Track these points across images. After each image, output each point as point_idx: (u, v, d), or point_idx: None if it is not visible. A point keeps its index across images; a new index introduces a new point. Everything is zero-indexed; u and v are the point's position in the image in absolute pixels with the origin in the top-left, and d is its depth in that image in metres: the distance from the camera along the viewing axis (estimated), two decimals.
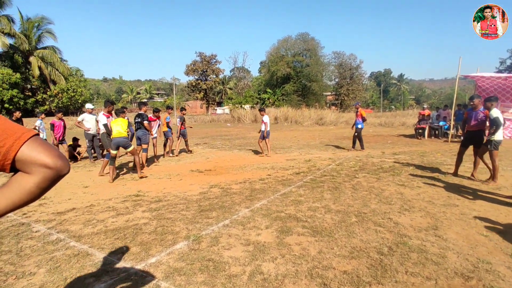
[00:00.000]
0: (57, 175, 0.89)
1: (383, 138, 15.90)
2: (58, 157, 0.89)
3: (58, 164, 0.88)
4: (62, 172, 0.90)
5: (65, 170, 0.91)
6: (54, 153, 0.89)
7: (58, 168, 0.88)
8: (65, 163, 0.90)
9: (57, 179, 0.91)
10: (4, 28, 27.72)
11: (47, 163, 0.87)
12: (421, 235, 3.54)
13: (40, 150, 0.87)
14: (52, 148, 0.91)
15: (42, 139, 0.92)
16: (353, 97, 55.52)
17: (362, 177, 6.62)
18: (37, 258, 3.08)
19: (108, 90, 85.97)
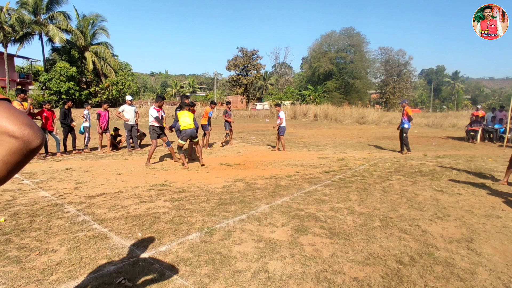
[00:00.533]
0: (25, 147, 0.73)
1: (427, 139, 14.82)
2: (26, 125, 0.73)
3: (26, 133, 0.72)
4: (31, 145, 0.73)
5: (35, 141, 0.74)
6: (22, 120, 0.73)
7: (26, 138, 0.72)
8: (35, 132, 0.74)
9: (27, 152, 0.74)
10: (61, 24, 30.29)
11: (11, 131, 0.71)
12: (451, 247, 3.20)
13: (4, 116, 0.71)
14: (20, 115, 0.74)
15: (10, 105, 0.76)
16: (400, 95, 52.51)
17: (395, 179, 6.20)
18: (62, 237, 3.29)
19: (154, 84, 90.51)
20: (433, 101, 73.80)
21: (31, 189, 5.14)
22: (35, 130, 0.73)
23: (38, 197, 4.70)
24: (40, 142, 0.74)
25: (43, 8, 30.11)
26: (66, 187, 5.34)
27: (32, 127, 0.73)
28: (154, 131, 7.47)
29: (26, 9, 29.27)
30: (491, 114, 14.60)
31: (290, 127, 21.52)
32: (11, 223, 3.65)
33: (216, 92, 57.17)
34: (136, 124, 9.68)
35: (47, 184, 5.53)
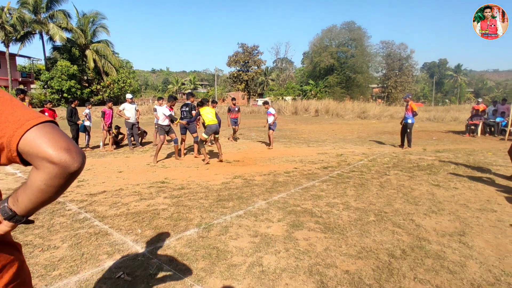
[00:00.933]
0: (64, 172, 0.74)
1: (428, 134, 14.82)
2: (65, 150, 0.74)
3: (63, 159, 0.73)
4: (70, 169, 0.74)
5: (74, 166, 0.74)
6: (61, 145, 0.74)
7: (63, 163, 0.73)
8: (73, 157, 0.74)
9: (68, 176, 0.75)
10: (61, 22, 30.38)
11: (49, 156, 0.72)
12: (444, 240, 3.27)
13: (44, 141, 0.73)
14: (60, 138, 0.75)
15: (53, 127, 0.77)
16: (402, 89, 52.26)
17: (393, 174, 6.26)
18: (64, 233, 3.39)
19: (155, 81, 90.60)
20: (435, 95, 73.38)
21: None
22: (73, 155, 0.74)
23: None
24: (77, 166, 0.75)
25: (43, 7, 30.17)
26: None
27: (70, 152, 0.74)
28: (162, 129, 7.70)
29: (27, 8, 29.36)
30: (492, 107, 14.56)
31: (291, 123, 21.56)
32: None
33: (217, 89, 57.15)
34: (137, 122, 9.77)
35: None
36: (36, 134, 0.73)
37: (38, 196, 0.77)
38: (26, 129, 0.73)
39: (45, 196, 0.77)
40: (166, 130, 7.77)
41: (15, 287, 0.89)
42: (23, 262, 0.96)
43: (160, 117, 7.76)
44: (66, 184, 0.77)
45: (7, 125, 0.73)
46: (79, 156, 0.76)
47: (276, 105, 35.18)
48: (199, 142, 7.46)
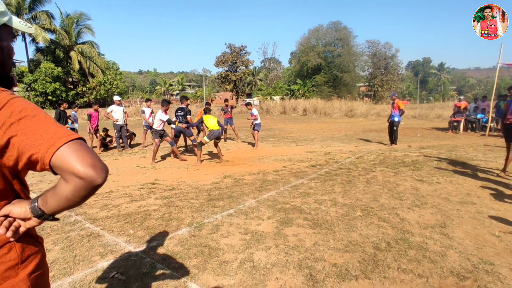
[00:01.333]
0: (89, 185, 0.84)
1: (413, 131, 15.21)
2: (91, 166, 0.83)
3: (89, 174, 0.82)
4: (94, 183, 0.84)
5: (98, 180, 0.84)
6: (88, 162, 0.83)
7: (89, 178, 0.83)
8: (98, 173, 0.84)
9: (92, 189, 0.86)
10: (44, 23, 29.70)
11: (77, 172, 0.82)
12: (426, 232, 3.43)
13: (73, 158, 0.82)
14: (87, 155, 0.85)
15: (80, 144, 0.86)
16: (388, 88, 53.21)
17: (379, 171, 6.44)
18: (55, 237, 3.40)
19: (143, 82, 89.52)
20: (420, 93, 75.07)
21: None
22: (98, 171, 0.84)
23: None
24: (101, 181, 0.85)
25: (26, 8, 29.46)
26: None
27: (95, 168, 0.83)
28: (156, 133, 7.81)
29: (9, 10, 28.37)
30: (474, 104, 15.05)
31: (279, 122, 21.72)
32: None
33: (205, 89, 56.89)
34: (126, 124, 9.72)
35: (38, 186, 5.59)
36: (66, 151, 0.83)
37: (65, 202, 0.89)
38: (58, 147, 0.83)
39: (70, 203, 0.89)
40: (160, 134, 7.86)
41: (37, 277, 1.00)
42: (44, 256, 1.08)
43: (156, 122, 7.80)
44: (89, 195, 0.88)
45: (42, 142, 0.83)
46: (103, 172, 0.86)
47: (265, 104, 35.34)
48: (198, 144, 7.62)
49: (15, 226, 0.95)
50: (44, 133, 0.84)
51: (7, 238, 0.94)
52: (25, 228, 0.97)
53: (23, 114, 0.86)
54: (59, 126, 0.89)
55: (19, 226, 0.96)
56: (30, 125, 0.85)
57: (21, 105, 0.88)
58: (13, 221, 0.95)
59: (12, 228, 0.94)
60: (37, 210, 0.92)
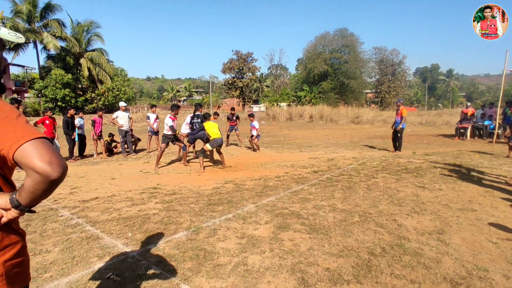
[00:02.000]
0: (46, 180, 0.91)
1: (419, 137, 15.08)
2: (48, 162, 0.90)
3: (45, 170, 0.89)
4: (50, 178, 0.91)
5: (54, 175, 0.91)
6: (45, 159, 0.90)
7: (45, 174, 0.90)
8: (54, 169, 0.91)
9: (50, 183, 0.92)
10: (56, 31, 30.46)
11: (34, 167, 0.89)
12: (423, 238, 3.41)
13: (32, 154, 0.90)
14: (45, 152, 0.92)
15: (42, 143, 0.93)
16: (395, 94, 52.95)
17: (381, 177, 6.42)
18: (56, 238, 3.48)
19: (150, 89, 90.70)
20: (428, 99, 74.36)
21: None
22: (54, 167, 0.91)
23: None
24: (57, 176, 0.92)
25: (37, 16, 30.27)
26: (61, 192, 5.52)
27: (51, 164, 0.91)
28: (166, 138, 7.75)
29: (21, 18, 29.44)
30: (481, 111, 14.89)
31: (285, 129, 21.76)
32: None
33: (212, 96, 57.28)
34: (131, 130, 9.87)
35: None
36: (28, 148, 0.91)
37: (30, 195, 0.97)
38: (21, 144, 0.91)
39: (34, 196, 0.97)
40: (171, 139, 7.79)
41: (14, 265, 1.08)
42: (25, 248, 1.16)
43: (165, 127, 7.79)
44: (49, 188, 0.96)
45: (8, 139, 0.92)
46: (59, 168, 0.93)
47: (271, 111, 35.45)
48: (200, 151, 7.54)
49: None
50: (11, 132, 0.94)
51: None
52: (6, 219, 1.04)
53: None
54: (26, 126, 0.97)
55: (1, 216, 1.04)
56: (1, 125, 0.95)
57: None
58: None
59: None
60: (14, 201, 1.00)
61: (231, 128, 12.25)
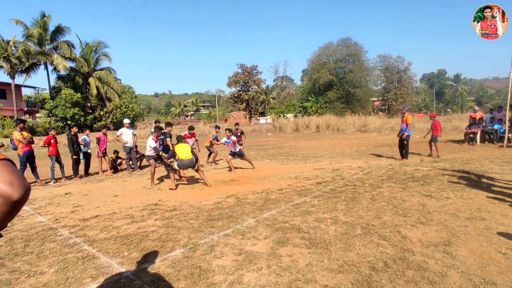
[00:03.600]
0: (7, 201, 0.88)
1: (427, 144, 14.76)
2: (8, 183, 0.88)
3: (5, 191, 0.87)
4: (11, 199, 0.88)
5: (14, 196, 0.88)
6: (5, 180, 0.88)
7: (5, 195, 0.87)
8: (14, 190, 0.88)
9: (11, 205, 0.89)
10: (65, 53, 31.47)
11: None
12: (428, 251, 3.26)
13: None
14: (6, 174, 0.90)
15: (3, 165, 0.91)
16: (402, 101, 52.57)
17: (386, 187, 6.26)
18: (52, 259, 3.45)
19: (158, 105, 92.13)
20: (436, 105, 73.51)
21: (29, 215, 5.34)
22: (14, 188, 0.88)
23: (34, 222, 4.89)
24: (18, 197, 0.89)
25: (48, 39, 31.32)
26: (63, 211, 5.53)
27: (12, 185, 0.88)
28: (149, 157, 7.88)
29: (32, 41, 30.50)
30: (490, 115, 14.58)
31: (291, 140, 21.67)
32: (6, 248, 3.83)
33: (219, 109, 57.77)
34: (135, 146, 9.94)
35: (45, 209, 5.73)
36: None
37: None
38: None
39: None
40: (155, 158, 7.90)
41: None
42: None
43: (147, 148, 7.89)
44: (12, 211, 0.92)
45: None
46: (21, 189, 0.90)
47: (278, 123, 35.46)
48: (170, 169, 7.35)
49: None
50: None
51: None
52: None
53: None
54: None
55: None
56: None
57: None
58: None
59: None
60: None
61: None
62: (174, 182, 7.17)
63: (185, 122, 52.81)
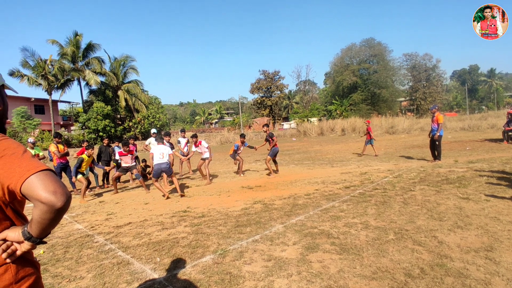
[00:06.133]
0: (51, 209, 0.95)
1: (461, 144, 14.09)
2: (52, 192, 0.95)
3: (49, 199, 0.94)
4: (55, 207, 0.95)
5: (58, 204, 0.95)
6: (49, 189, 0.95)
7: (50, 203, 0.94)
8: (58, 198, 0.95)
9: (55, 212, 0.96)
10: (96, 68, 33.25)
11: (39, 198, 0.94)
12: (468, 257, 3.09)
13: (37, 186, 0.95)
14: (50, 184, 0.96)
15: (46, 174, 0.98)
16: (431, 100, 50.53)
17: (419, 190, 6.01)
18: (90, 265, 3.60)
19: (183, 114, 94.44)
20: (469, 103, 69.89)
21: (67, 223, 5.62)
22: (58, 196, 0.96)
23: (73, 230, 5.15)
24: (61, 205, 0.96)
25: (80, 56, 33.22)
26: (98, 219, 5.78)
27: (56, 194, 0.96)
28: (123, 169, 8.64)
29: (66, 59, 32.47)
30: None
31: (316, 144, 21.40)
32: (48, 254, 4.05)
33: (242, 116, 58.30)
34: None
35: (82, 217, 6.02)
36: (33, 181, 0.96)
37: (39, 226, 1.02)
38: (26, 177, 0.96)
39: (43, 226, 1.02)
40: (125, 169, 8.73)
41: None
42: (39, 278, 1.20)
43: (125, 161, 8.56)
44: (55, 218, 1.00)
45: (15, 174, 0.97)
46: (63, 196, 0.97)
47: (302, 127, 35.18)
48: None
49: (11, 249, 1.08)
50: (17, 167, 0.99)
51: (4, 259, 1.07)
52: (20, 252, 1.09)
53: (5, 152, 1.02)
54: (31, 161, 1.02)
55: (15, 249, 1.08)
56: (8, 161, 1.00)
57: (5, 145, 1.05)
58: (10, 244, 1.08)
59: (8, 251, 1.07)
60: (26, 234, 1.05)
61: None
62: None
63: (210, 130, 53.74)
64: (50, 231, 1.08)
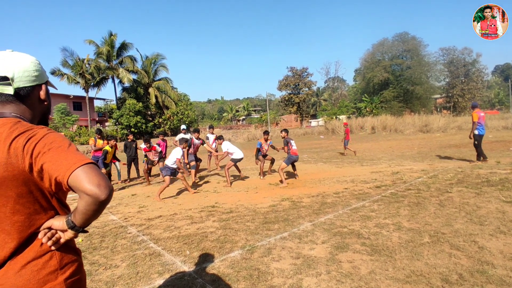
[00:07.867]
0: (95, 201, 1.01)
1: (504, 144, 13.17)
2: (96, 185, 1.00)
3: (94, 192, 0.99)
4: (99, 199, 1.00)
5: (102, 197, 1.00)
6: (94, 182, 1.00)
7: (94, 195, 0.99)
8: (102, 191, 1.00)
9: (99, 204, 1.02)
10: (129, 66, 34.58)
11: (85, 190, 0.99)
12: (511, 264, 2.88)
13: (83, 178, 1.00)
14: (95, 177, 1.02)
15: (90, 168, 1.03)
16: (471, 97, 47.46)
17: (456, 191, 5.70)
18: (124, 254, 3.76)
19: (211, 110, 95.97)
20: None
21: (103, 214, 5.90)
22: (102, 189, 1.01)
23: (108, 220, 5.40)
24: (105, 197, 1.01)
25: (114, 55, 34.65)
26: (130, 211, 6.02)
27: (100, 187, 1.01)
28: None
29: (102, 58, 34.01)
30: None
31: None
32: (86, 242, 4.28)
33: (270, 113, 58.18)
34: None
35: (116, 209, 6.30)
36: (79, 173, 1.01)
37: (82, 216, 1.07)
38: (73, 170, 1.01)
39: (87, 216, 1.07)
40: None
41: (73, 282, 1.17)
42: (81, 265, 1.26)
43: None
44: (99, 209, 1.06)
45: (62, 167, 1.02)
46: (107, 189, 1.02)
47: (330, 125, 34.52)
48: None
49: (56, 237, 1.14)
50: (64, 160, 1.03)
51: (49, 247, 1.14)
52: (64, 239, 1.15)
53: (52, 145, 1.07)
54: (77, 154, 1.07)
55: (59, 237, 1.15)
56: (55, 154, 1.05)
57: (52, 138, 1.09)
58: (55, 232, 1.15)
59: (53, 239, 1.14)
60: (70, 223, 1.10)
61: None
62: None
63: (237, 127, 54.19)
64: (92, 221, 1.13)
